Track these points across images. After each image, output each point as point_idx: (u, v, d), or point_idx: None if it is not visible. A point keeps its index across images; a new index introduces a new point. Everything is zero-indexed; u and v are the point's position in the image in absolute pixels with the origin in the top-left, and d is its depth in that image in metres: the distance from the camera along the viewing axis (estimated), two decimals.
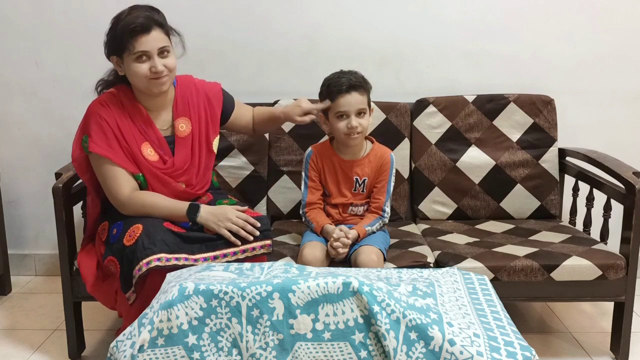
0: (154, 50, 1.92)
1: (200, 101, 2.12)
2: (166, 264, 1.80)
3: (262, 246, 1.94)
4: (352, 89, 2.07)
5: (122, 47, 1.91)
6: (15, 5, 2.74)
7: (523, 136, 2.57)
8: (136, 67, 1.92)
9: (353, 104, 2.07)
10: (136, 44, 1.89)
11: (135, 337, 1.45)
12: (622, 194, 2.14)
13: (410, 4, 2.70)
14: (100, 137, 1.95)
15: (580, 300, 2.21)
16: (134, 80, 1.97)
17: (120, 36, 1.90)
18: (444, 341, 1.40)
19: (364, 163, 2.18)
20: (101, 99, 2.02)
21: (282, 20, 2.72)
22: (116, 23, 1.93)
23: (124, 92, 2.03)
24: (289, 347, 1.46)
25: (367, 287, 1.46)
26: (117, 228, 1.92)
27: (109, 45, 1.96)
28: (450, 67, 2.74)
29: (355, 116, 2.08)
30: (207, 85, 2.19)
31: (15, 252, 2.95)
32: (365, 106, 2.10)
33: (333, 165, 2.19)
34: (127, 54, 1.91)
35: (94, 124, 1.96)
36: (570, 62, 2.73)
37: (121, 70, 1.97)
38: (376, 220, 2.16)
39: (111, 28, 1.94)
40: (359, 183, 2.18)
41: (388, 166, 2.19)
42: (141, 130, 2.01)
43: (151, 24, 1.91)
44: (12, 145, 2.88)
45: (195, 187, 2.09)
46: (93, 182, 2.04)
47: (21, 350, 2.30)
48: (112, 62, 1.98)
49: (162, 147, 2.03)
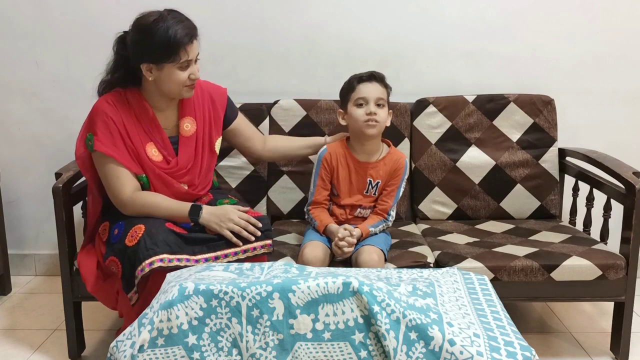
0: (193, 58, 1.94)
1: (205, 101, 2.12)
2: (168, 264, 1.80)
3: (262, 246, 1.95)
4: (373, 78, 2.12)
5: (167, 57, 1.88)
6: (15, 5, 2.74)
7: (523, 136, 2.57)
8: (178, 75, 1.92)
9: (373, 92, 2.11)
10: (184, 53, 1.89)
11: (135, 337, 1.45)
12: (622, 194, 2.14)
13: (411, 4, 2.70)
14: (106, 136, 1.94)
15: (580, 300, 2.21)
16: (168, 86, 1.95)
17: (168, 46, 1.86)
18: (444, 341, 1.40)
19: (379, 166, 2.17)
20: (107, 97, 1.99)
21: (282, 20, 2.72)
22: (154, 31, 1.86)
23: (130, 91, 2.02)
24: (289, 347, 1.46)
25: (367, 287, 1.46)
26: (119, 228, 1.92)
27: (144, 54, 1.90)
28: (450, 67, 2.74)
29: (374, 105, 2.10)
30: (213, 86, 2.18)
31: (15, 252, 2.95)
32: (384, 98, 2.12)
33: (347, 166, 2.18)
34: (171, 63, 1.89)
35: (100, 122, 1.94)
36: (570, 62, 2.73)
37: (151, 75, 1.93)
38: (380, 222, 2.16)
39: (147, 36, 1.87)
40: (372, 185, 2.18)
41: (402, 171, 2.19)
42: (146, 130, 2.00)
43: (194, 33, 1.92)
44: (12, 145, 2.88)
45: (198, 187, 2.09)
46: (95, 180, 2.03)
47: (21, 350, 2.30)
48: (143, 68, 1.93)
49: (166, 148, 2.03)
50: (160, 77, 1.93)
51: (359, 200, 2.19)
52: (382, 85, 2.13)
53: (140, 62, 1.93)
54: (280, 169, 2.57)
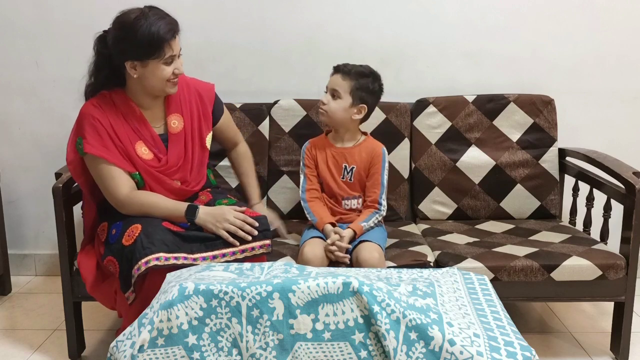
0: (177, 53, 1.94)
1: (192, 97, 2.13)
2: (165, 263, 1.80)
3: (261, 246, 1.94)
4: (337, 70, 2.19)
5: (152, 54, 1.88)
6: (15, 5, 2.73)
7: (523, 136, 2.56)
8: (163, 71, 1.92)
9: (331, 82, 2.19)
10: (168, 49, 1.90)
11: (135, 337, 1.45)
12: (622, 194, 2.14)
13: (411, 4, 2.70)
14: (95, 138, 1.94)
15: (580, 300, 2.21)
16: (152, 83, 1.95)
17: (152, 43, 1.87)
18: (444, 341, 1.40)
19: (354, 152, 2.24)
20: (93, 100, 2.00)
21: (282, 20, 2.72)
22: (137, 28, 1.86)
23: (115, 92, 2.02)
24: (289, 347, 1.46)
25: (367, 287, 1.46)
26: (117, 228, 1.92)
27: (128, 51, 1.90)
28: (450, 67, 2.74)
29: (328, 94, 2.17)
30: (200, 83, 2.19)
31: (15, 252, 2.94)
32: (340, 90, 2.16)
33: (325, 153, 2.26)
34: (156, 59, 1.90)
35: (87, 126, 1.95)
36: (570, 62, 2.73)
37: (135, 72, 1.93)
38: (372, 215, 2.17)
39: (130, 33, 1.87)
40: (347, 170, 2.22)
41: (379, 159, 2.22)
42: (135, 129, 2.00)
43: (177, 28, 1.92)
44: (12, 145, 2.88)
45: (191, 183, 2.10)
46: (88, 185, 2.04)
47: (21, 350, 2.30)
48: (127, 66, 1.92)
49: (156, 145, 2.03)
50: (145, 74, 1.94)
51: (340, 189, 2.22)
52: (345, 77, 2.16)
53: (124, 60, 1.93)
54: (280, 169, 2.57)
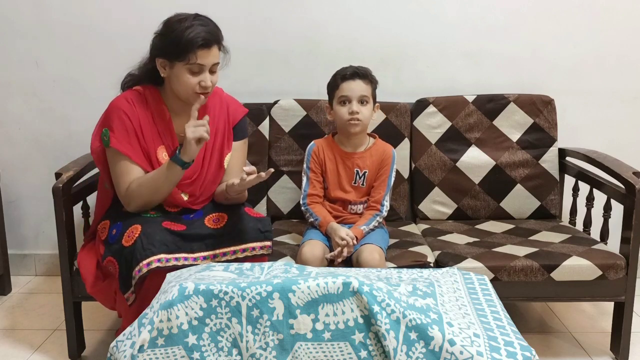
0: (208, 66, 1.90)
1: (222, 114, 2.09)
2: (166, 264, 1.80)
3: (262, 247, 1.94)
4: (356, 76, 2.14)
5: (178, 55, 1.87)
6: (15, 5, 2.73)
7: (523, 136, 2.57)
8: (186, 78, 1.89)
9: (356, 90, 2.13)
10: (196, 56, 1.86)
11: (135, 337, 1.45)
12: (622, 194, 2.14)
13: (411, 3, 2.70)
14: (122, 133, 1.94)
15: (580, 300, 2.21)
16: (177, 87, 1.93)
17: (180, 44, 1.85)
18: (444, 341, 1.40)
19: (365, 156, 2.21)
20: (127, 95, 1.99)
21: (282, 20, 2.72)
22: (175, 28, 1.86)
23: (150, 90, 2.01)
24: (289, 347, 1.46)
25: (367, 287, 1.46)
26: (117, 229, 1.92)
27: (160, 48, 1.91)
28: (450, 67, 2.74)
29: (357, 103, 2.12)
30: (234, 102, 2.16)
31: (15, 252, 2.94)
32: (368, 95, 2.14)
33: (334, 158, 2.22)
34: (181, 63, 1.88)
35: (116, 119, 1.94)
36: (570, 62, 2.73)
37: (164, 72, 1.93)
38: (373, 218, 2.17)
39: (168, 31, 1.88)
40: (359, 175, 2.20)
41: (389, 161, 2.21)
42: (160, 132, 1.99)
43: (214, 41, 1.90)
44: (12, 145, 2.88)
45: (198, 199, 2.06)
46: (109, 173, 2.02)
47: (21, 350, 2.30)
48: (157, 62, 1.93)
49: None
50: (171, 76, 1.93)
51: (349, 194, 2.20)
52: (366, 82, 2.15)
53: (155, 56, 1.94)
54: (280, 169, 2.57)
